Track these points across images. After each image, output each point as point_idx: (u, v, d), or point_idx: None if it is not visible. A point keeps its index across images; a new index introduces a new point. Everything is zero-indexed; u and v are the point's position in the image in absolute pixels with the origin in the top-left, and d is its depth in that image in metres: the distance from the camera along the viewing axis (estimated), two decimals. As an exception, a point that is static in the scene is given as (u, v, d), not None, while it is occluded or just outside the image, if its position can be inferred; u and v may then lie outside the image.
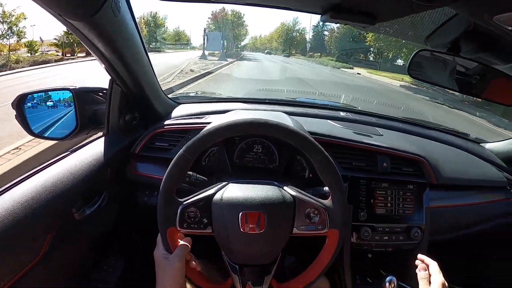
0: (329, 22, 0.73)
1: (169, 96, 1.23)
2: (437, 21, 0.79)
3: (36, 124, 1.02)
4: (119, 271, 1.09)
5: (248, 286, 0.70)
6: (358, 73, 17.70)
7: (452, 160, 1.15)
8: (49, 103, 1.04)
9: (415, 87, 11.43)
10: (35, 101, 1.05)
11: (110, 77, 0.92)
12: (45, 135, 1.05)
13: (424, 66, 0.82)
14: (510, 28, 0.59)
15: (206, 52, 17.09)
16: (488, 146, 1.36)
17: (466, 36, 0.78)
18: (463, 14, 0.65)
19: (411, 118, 1.45)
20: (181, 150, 0.66)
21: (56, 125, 1.04)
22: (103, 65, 0.85)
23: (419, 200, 0.98)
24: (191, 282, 0.71)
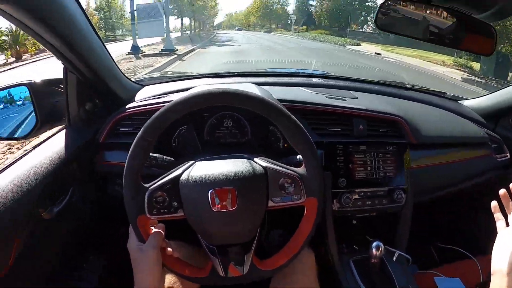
0: None
1: (132, 79, 1.17)
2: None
3: (-4, 125, 0.96)
4: (100, 267, 1.06)
5: (231, 266, 0.67)
6: (377, 53, 13.42)
7: (430, 119, 1.13)
8: (4, 102, 0.98)
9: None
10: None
11: (63, 65, 0.86)
12: (5, 136, 0.99)
13: (393, 16, 0.77)
14: None
15: (139, 41, 11.32)
16: (466, 103, 1.34)
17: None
18: None
19: (387, 80, 1.43)
20: (139, 133, 0.62)
21: (14, 124, 0.98)
22: (51, 52, 0.78)
23: (400, 161, 0.96)
24: (170, 270, 0.67)
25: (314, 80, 1.28)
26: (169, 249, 0.68)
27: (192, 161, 0.68)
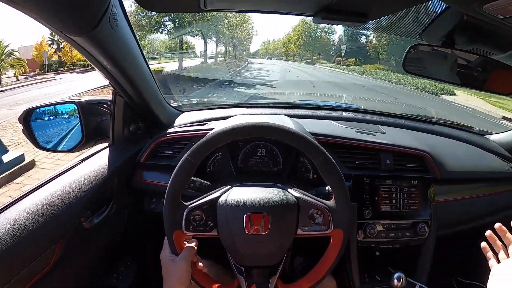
0: (321, 24, 0.74)
1: (172, 104, 1.26)
2: (429, 15, 0.80)
3: (43, 137, 1.05)
4: (130, 278, 1.11)
5: (255, 287, 0.71)
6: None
7: (456, 154, 1.14)
8: (55, 117, 1.07)
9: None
10: (41, 115, 1.08)
11: (113, 89, 0.95)
12: (52, 148, 1.08)
13: (419, 60, 0.82)
14: (500, 16, 0.60)
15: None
16: (492, 137, 1.34)
17: (460, 28, 0.79)
18: (453, 6, 0.65)
19: (414, 114, 1.45)
20: (185, 154, 0.68)
21: (63, 137, 1.06)
22: (105, 78, 0.87)
23: (424, 195, 0.98)
24: (197, 284, 0.72)
25: (344, 113, 1.33)
26: (200, 264, 0.73)
27: (229, 186, 0.73)
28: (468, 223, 1.12)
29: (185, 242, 0.72)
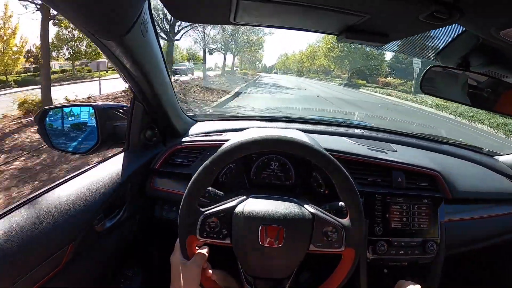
0: (344, 42, 0.76)
1: (187, 114, 1.28)
2: (446, 38, 0.82)
3: (58, 138, 1.06)
4: (137, 283, 1.10)
5: None
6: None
7: (466, 174, 1.15)
8: (71, 119, 1.08)
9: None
10: (57, 116, 1.10)
11: (132, 95, 0.97)
12: (67, 150, 1.09)
13: (436, 81, 0.84)
14: None
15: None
16: (501, 159, 1.35)
17: (475, 51, 0.81)
18: (471, 30, 0.67)
19: (425, 134, 1.46)
20: (207, 161, 0.68)
21: (77, 139, 1.08)
22: (127, 83, 0.89)
23: (434, 214, 0.98)
24: None
25: (356, 130, 1.34)
26: (209, 271, 0.73)
27: (246, 197, 0.74)
28: (477, 244, 1.12)
29: (196, 248, 0.72)
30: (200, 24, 12.13)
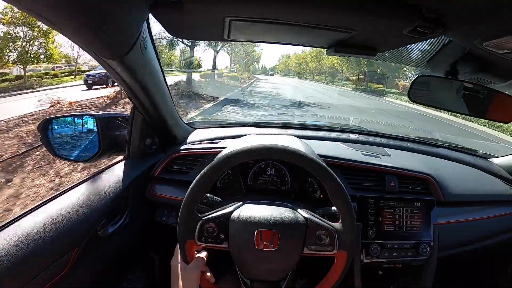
0: (333, 55, 0.79)
1: (185, 121, 1.30)
2: (435, 47, 0.85)
3: (60, 147, 1.09)
4: (139, 286, 1.13)
5: None
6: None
7: (459, 177, 1.17)
8: (73, 127, 1.11)
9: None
10: (60, 125, 1.12)
11: (132, 105, 1.00)
12: (69, 158, 1.11)
13: (425, 90, 0.86)
14: (500, 51, 0.64)
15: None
16: (496, 161, 1.37)
17: (463, 60, 0.83)
18: (456, 42, 0.70)
19: (419, 137, 1.48)
20: (205, 169, 0.72)
21: (79, 148, 1.11)
22: (127, 94, 0.92)
23: (427, 217, 1.01)
24: None
25: (352, 135, 1.36)
26: (208, 273, 0.75)
27: (242, 202, 0.77)
28: (470, 245, 1.14)
29: (195, 252, 0.75)
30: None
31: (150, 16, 0.66)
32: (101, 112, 1.07)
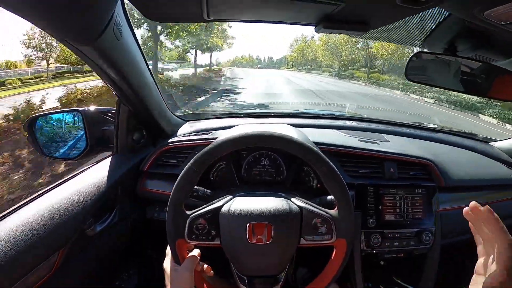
0: (323, 33, 0.75)
1: (176, 114, 1.27)
2: (431, 23, 0.80)
3: (47, 145, 1.06)
4: (132, 284, 1.11)
5: None
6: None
7: (460, 161, 1.14)
8: (59, 124, 1.08)
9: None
10: (46, 123, 1.09)
11: (117, 98, 0.96)
12: (56, 156, 1.09)
13: (422, 68, 0.82)
14: (502, 22, 0.60)
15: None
16: (497, 144, 1.33)
17: (462, 36, 0.79)
18: (454, 13, 0.66)
19: (418, 123, 1.45)
20: (189, 163, 0.68)
21: (67, 145, 1.08)
22: (109, 86, 0.88)
23: (429, 203, 0.97)
24: None
25: (348, 122, 1.33)
26: (205, 266, 0.71)
27: (232, 196, 0.73)
28: (471, 232, 1.11)
29: (187, 252, 0.71)
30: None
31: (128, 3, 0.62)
32: (87, 108, 1.04)
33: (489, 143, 1.35)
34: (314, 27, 0.73)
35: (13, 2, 0.45)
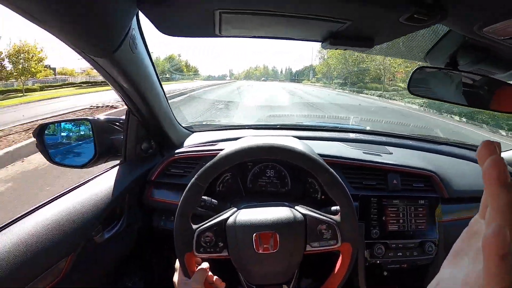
0: (329, 49, 0.77)
1: (183, 125, 1.29)
2: (433, 38, 0.83)
3: (56, 152, 1.07)
4: None
5: None
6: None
7: (463, 173, 1.15)
8: (68, 133, 1.10)
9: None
10: (55, 131, 1.11)
11: (127, 108, 0.98)
12: (65, 163, 1.10)
13: (424, 82, 0.84)
14: (501, 38, 0.62)
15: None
16: None
17: (462, 50, 0.81)
18: (454, 29, 0.68)
19: (420, 135, 1.46)
20: (193, 178, 0.70)
21: (75, 153, 1.09)
22: (121, 97, 0.91)
23: (431, 214, 0.98)
24: None
25: (352, 135, 1.35)
26: (215, 278, 0.72)
27: (236, 208, 0.75)
28: None
29: (196, 265, 0.72)
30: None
31: (142, 16, 0.65)
32: (96, 117, 1.06)
33: None
34: (320, 43, 0.76)
35: (37, 15, 0.48)
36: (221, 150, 1.00)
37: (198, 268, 0.70)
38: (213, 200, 0.85)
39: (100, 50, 0.63)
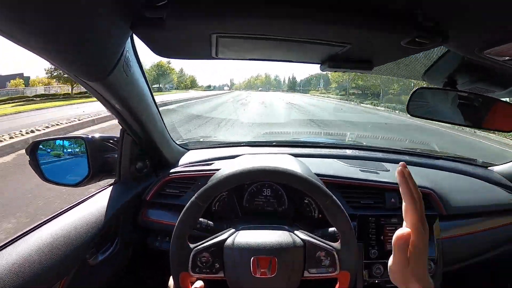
0: (328, 71, 0.77)
1: (178, 142, 1.28)
2: (431, 58, 0.82)
3: (49, 171, 1.05)
4: None
5: None
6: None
7: (460, 188, 1.15)
8: (62, 150, 1.08)
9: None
10: (48, 148, 1.09)
11: (121, 127, 0.96)
12: (58, 181, 1.07)
13: (423, 103, 0.84)
14: (501, 59, 0.62)
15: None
16: (496, 169, 1.34)
17: (461, 70, 0.81)
18: (455, 52, 0.68)
19: (417, 149, 1.46)
20: (194, 197, 0.69)
21: (69, 171, 1.07)
22: (115, 117, 0.89)
23: (430, 232, 0.96)
24: None
25: (349, 151, 1.34)
26: None
27: (234, 229, 0.73)
28: (475, 258, 1.11)
29: (190, 284, 0.70)
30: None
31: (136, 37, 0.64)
32: (90, 135, 1.04)
33: (488, 168, 1.36)
34: (319, 65, 0.75)
35: (28, 41, 0.46)
36: (217, 169, 0.99)
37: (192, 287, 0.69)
38: (209, 222, 0.83)
39: (94, 74, 0.62)
